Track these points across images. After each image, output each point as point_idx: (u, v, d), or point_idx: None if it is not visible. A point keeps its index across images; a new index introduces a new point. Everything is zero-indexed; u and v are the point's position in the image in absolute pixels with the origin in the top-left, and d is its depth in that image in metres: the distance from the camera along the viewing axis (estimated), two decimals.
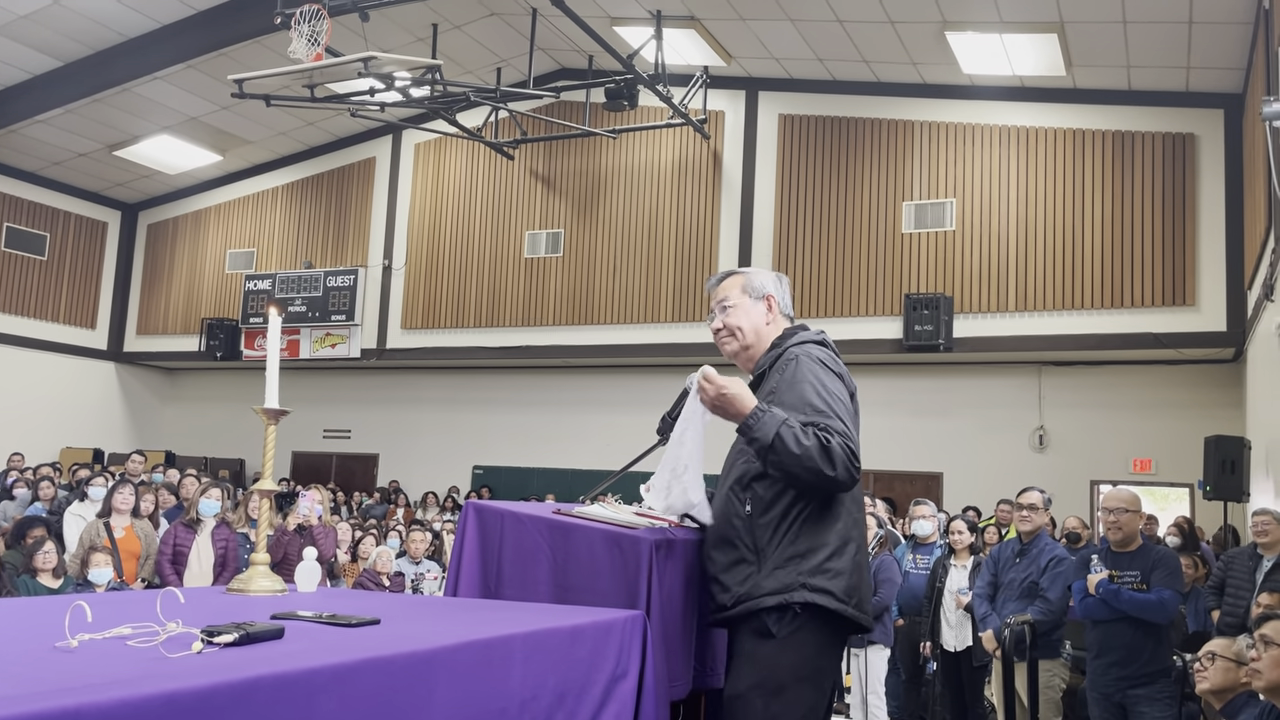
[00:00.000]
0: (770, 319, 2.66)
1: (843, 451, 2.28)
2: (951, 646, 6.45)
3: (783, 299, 2.70)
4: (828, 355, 2.52)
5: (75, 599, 1.65)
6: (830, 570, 2.34)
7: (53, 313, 16.59)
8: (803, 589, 2.31)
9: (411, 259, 15.23)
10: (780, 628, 2.31)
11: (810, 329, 2.66)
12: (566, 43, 12.90)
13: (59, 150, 15.30)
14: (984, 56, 11.14)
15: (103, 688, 1.14)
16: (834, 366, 2.50)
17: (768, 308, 2.66)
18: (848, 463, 2.29)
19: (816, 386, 2.40)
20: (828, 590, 2.32)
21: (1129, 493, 5.10)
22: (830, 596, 2.33)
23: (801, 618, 2.31)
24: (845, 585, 2.35)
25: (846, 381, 2.52)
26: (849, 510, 2.42)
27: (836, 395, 2.41)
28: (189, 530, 6.68)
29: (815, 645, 2.34)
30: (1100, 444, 11.95)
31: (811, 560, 2.34)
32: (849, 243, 12.55)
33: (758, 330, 2.66)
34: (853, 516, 2.43)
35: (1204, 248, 10.98)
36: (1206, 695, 3.65)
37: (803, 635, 2.32)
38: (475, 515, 2.56)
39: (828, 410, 2.35)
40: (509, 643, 1.75)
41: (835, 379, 2.46)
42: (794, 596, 2.30)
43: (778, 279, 2.74)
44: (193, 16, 12.04)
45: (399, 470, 15.83)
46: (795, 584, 2.31)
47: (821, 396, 2.38)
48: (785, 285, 2.75)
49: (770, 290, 2.68)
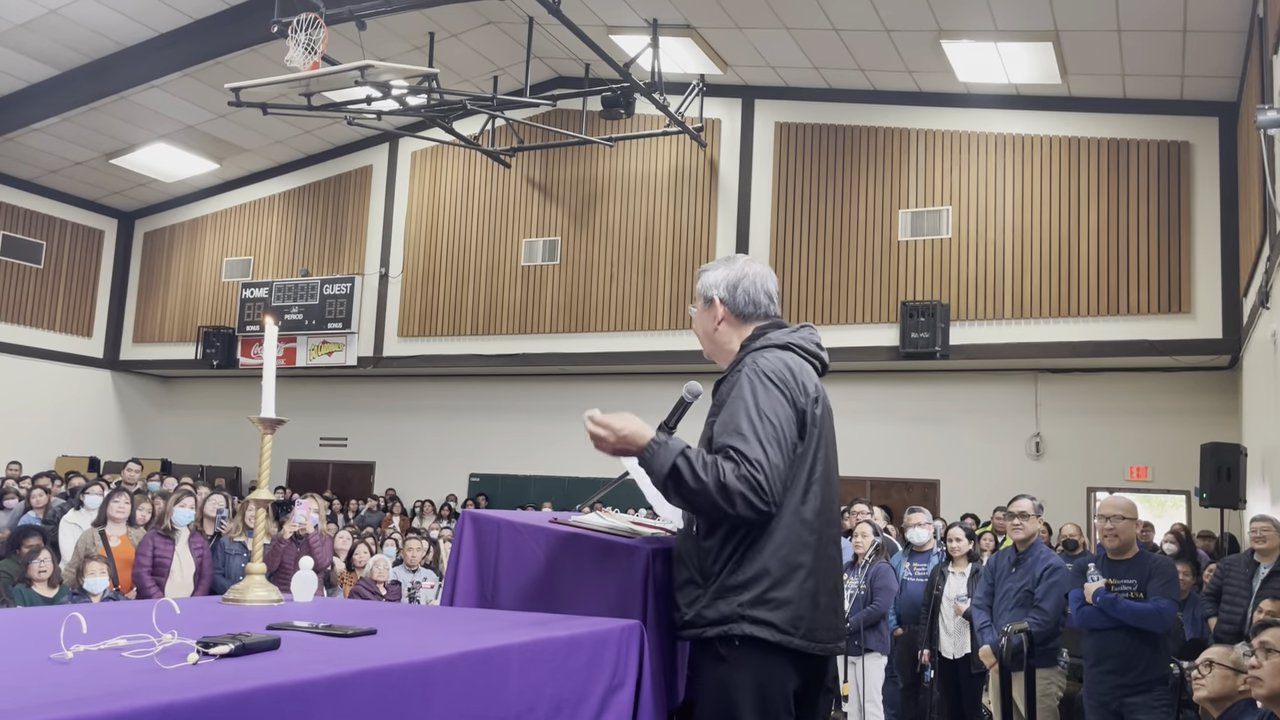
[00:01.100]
0: (719, 323, 2.49)
1: (742, 485, 2.15)
2: (949, 654, 6.45)
3: (733, 299, 2.47)
4: (775, 367, 2.32)
5: (70, 609, 1.65)
6: (773, 600, 2.22)
7: (49, 321, 16.58)
8: (742, 620, 2.21)
9: (408, 267, 15.23)
10: (729, 653, 2.23)
11: (783, 329, 2.48)
12: (563, 51, 12.92)
13: (56, 158, 15.30)
14: (979, 65, 11.18)
15: (98, 700, 1.14)
16: (777, 378, 2.29)
17: (714, 313, 2.49)
18: (749, 497, 2.15)
19: (748, 406, 2.24)
20: (768, 622, 2.21)
21: (1125, 500, 5.09)
22: (771, 629, 2.22)
23: (747, 646, 2.22)
24: (789, 616, 2.23)
25: (795, 394, 2.31)
26: (799, 534, 2.27)
27: (769, 416, 2.24)
28: (167, 540, 6.60)
29: (767, 672, 2.24)
30: (1097, 451, 11.96)
31: (752, 590, 2.22)
32: (845, 250, 12.57)
33: (709, 336, 2.52)
34: (802, 540, 2.27)
35: (1199, 255, 11.01)
36: (1204, 703, 3.64)
37: (753, 662, 2.23)
38: (472, 524, 2.55)
39: (749, 434, 2.20)
40: (506, 653, 1.75)
41: (776, 394, 2.27)
42: (733, 629, 2.21)
43: (741, 270, 2.50)
44: (190, 25, 12.06)
45: (396, 478, 15.80)
46: (734, 615, 2.21)
47: (750, 418, 2.22)
48: (747, 278, 2.49)
49: (715, 293, 2.49)
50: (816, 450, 2.37)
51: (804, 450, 2.34)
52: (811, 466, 2.35)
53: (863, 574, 6.46)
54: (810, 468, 2.35)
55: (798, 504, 2.30)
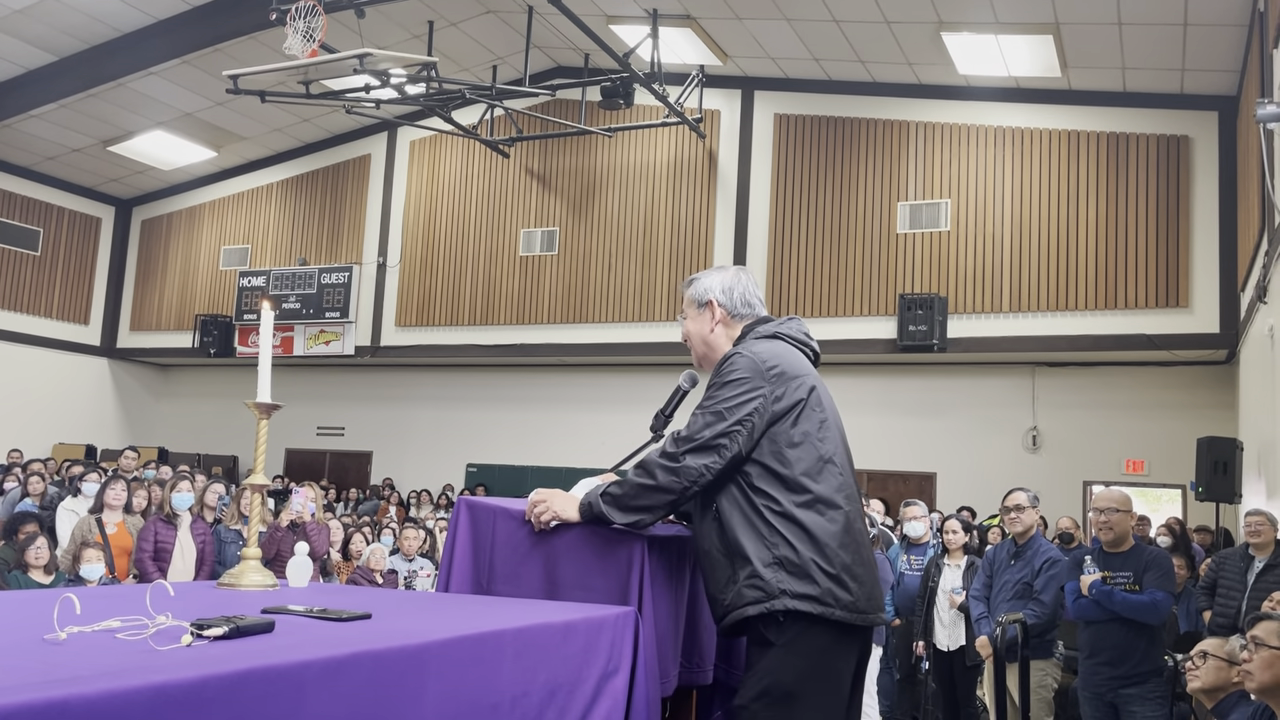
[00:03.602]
0: (715, 325, 2.58)
1: (655, 454, 2.32)
2: (944, 646, 6.46)
3: (730, 300, 2.57)
4: (743, 366, 2.36)
5: (63, 592, 1.65)
6: (808, 575, 2.23)
7: (46, 308, 16.55)
8: (783, 595, 2.22)
9: (406, 256, 15.21)
10: (778, 635, 2.23)
11: (770, 322, 2.55)
12: (563, 41, 12.89)
13: (53, 145, 15.26)
14: (979, 57, 11.16)
15: (91, 680, 1.13)
16: (739, 374, 2.34)
17: (711, 315, 2.58)
18: (665, 459, 2.29)
19: (702, 409, 2.35)
20: (807, 595, 2.22)
21: (1120, 493, 5.10)
22: (812, 601, 2.22)
23: (799, 623, 2.22)
24: (826, 589, 2.23)
25: (762, 389, 2.33)
26: (822, 510, 2.30)
27: (721, 409, 2.31)
28: (169, 525, 6.65)
29: (820, 648, 2.24)
30: (1093, 445, 11.97)
31: (786, 567, 2.24)
32: (844, 242, 12.56)
33: (704, 338, 2.59)
34: (827, 515, 2.30)
35: (1197, 250, 11.01)
36: (1198, 694, 3.66)
37: (805, 639, 2.23)
38: (467, 511, 2.56)
39: (688, 434, 2.31)
40: (500, 638, 1.75)
41: (737, 391, 2.32)
42: (774, 605, 2.22)
43: (734, 276, 2.61)
44: (188, 12, 12.02)
45: (393, 468, 15.81)
46: (775, 590, 2.22)
47: (693, 420, 2.33)
48: (744, 282, 2.60)
49: (713, 295, 2.58)
50: (823, 430, 2.39)
51: (809, 430, 2.36)
52: (820, 445, 2.37)
53: None
54: (820, 446, 2.37)
55: (815, 480, 2.32)
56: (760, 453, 2.32)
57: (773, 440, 2.33)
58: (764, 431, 2.33)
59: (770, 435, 2.33)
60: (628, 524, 2.32)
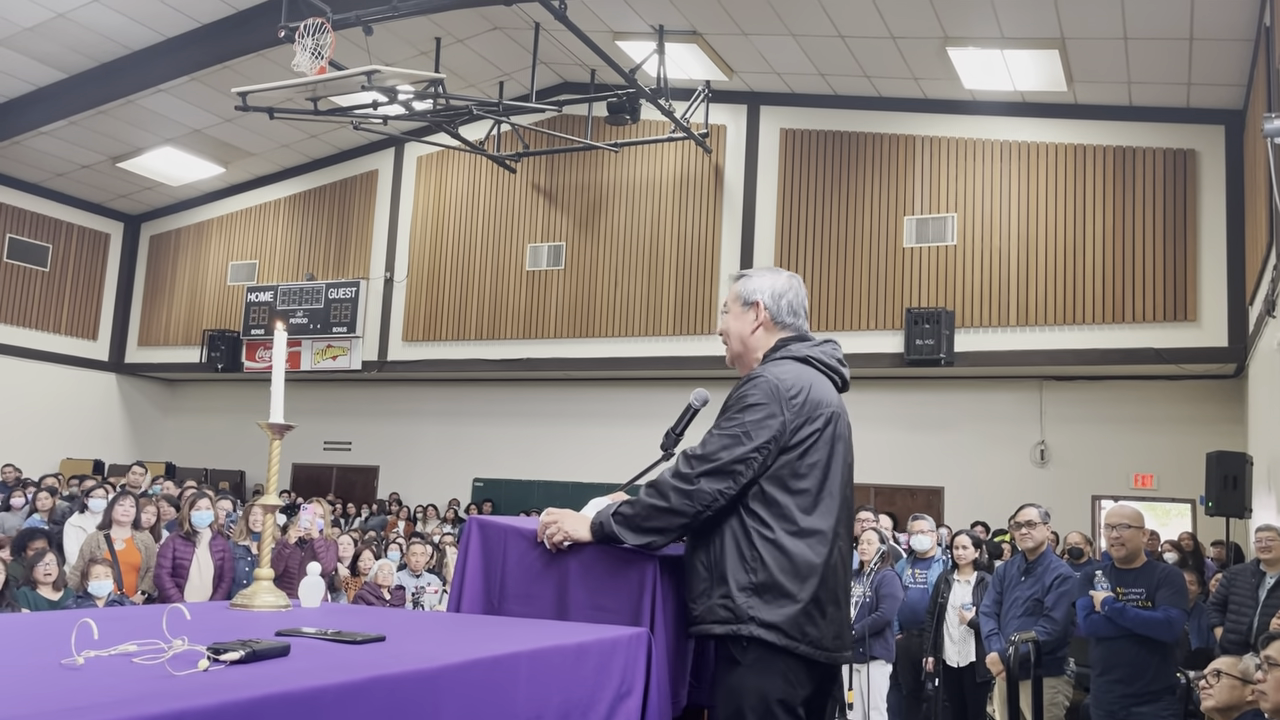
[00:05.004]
0: (756, 327, 2.53)
1: (668, 475, 2.29)
2: (954, 662, 6.43)
3: (777, 306, 2.52)
4: (764, 390, 2.33)
5: (79, 615, 1.65)
6: (779, 606, 2.23)
7: (54, 324, 16.61)
8: (750, 622, 2.22)
9: (413, 271, 15.25)
10: (741, 655, 2.24)
11: (805, 343, 2.50)
12: (569, 57, 12.94)
13: (62, 162, 15.34)
14: (985, 72, 11.18)
15: (110, 707, 1.14)
16: (759, 400, 2.31)
17: (755, 316, 2.53)
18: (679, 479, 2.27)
19: (719, 431, 2.32)
20: (774, 625, 2.22)
21: (1132, 509, 5.08)
22: (777, 633, 2.22)
23: (761, 648, 2.23)
24: (795, 622, 2.24)
25: (780, 417, 2.30)
26: (810, 543, 2.29)
27: (739, 432, 2.28)
28: (188, 543, 6.67)
29: (775, 677, 2.24)
30: (1101, 459, 11.93)
31: (760, 594, 2.24)
32: (850, 257, 12.56)
33: (743, 338, 2.55)
34: (813, 549, 2.28)
35: (1205, 263, 10.99)
36: (1212, 713, 3.63)
37: (762, 666, 2.23)
38: (478, 530, 2.55)
39: (703, 454, 2.28)
40: (514, 660, 1.74)
41: (756, 416, 2.30)
42: (740, 629, 2.22)
43: (787, 282, 2.56)
44: (196, 30, 12.09)
45: (400, 482, 15.81)
46: (744, 615, 2.22)
47: (708, 441, 2.31)
48: (792, 290, 2.55)
49: (761, 297, 2.53)
50: (830, 463, 2.38)
51: (817, 461, 2.35)
52: (825, 478, 2.36)
53: (868, 581, 6.45)
54: (824, 479, 2.36)
55: (809, 513, 2.32)
56: (765, 478, 2.31)
57: (780, 468, 2.32)
58: (775, 458, 2.32)
59: (779, 462, 2.32)
60: (639, 545, 2.32)
